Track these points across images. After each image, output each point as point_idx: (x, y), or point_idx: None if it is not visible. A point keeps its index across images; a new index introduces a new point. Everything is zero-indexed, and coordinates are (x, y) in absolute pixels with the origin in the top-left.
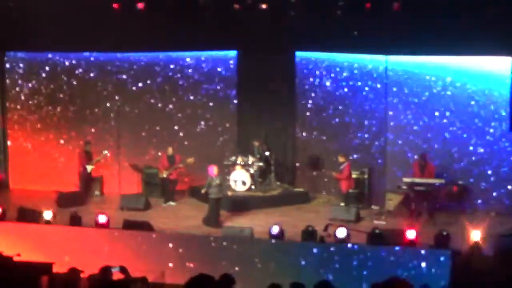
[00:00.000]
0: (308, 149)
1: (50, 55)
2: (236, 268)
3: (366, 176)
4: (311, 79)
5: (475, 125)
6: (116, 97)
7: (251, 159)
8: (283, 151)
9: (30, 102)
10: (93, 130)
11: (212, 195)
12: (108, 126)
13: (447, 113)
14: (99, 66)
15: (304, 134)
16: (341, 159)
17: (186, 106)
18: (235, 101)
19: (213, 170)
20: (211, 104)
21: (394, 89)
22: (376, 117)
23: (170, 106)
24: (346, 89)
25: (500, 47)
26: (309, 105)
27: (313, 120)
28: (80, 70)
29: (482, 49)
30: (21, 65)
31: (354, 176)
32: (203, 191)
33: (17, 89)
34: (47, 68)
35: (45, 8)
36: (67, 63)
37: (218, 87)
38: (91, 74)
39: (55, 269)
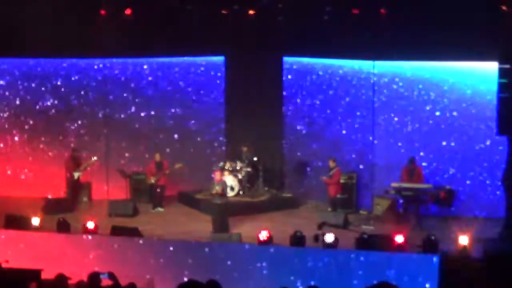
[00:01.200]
0: (296, 154)
1: (34, 61)
2: (225, 274)
3: (354, 181)
4: (299, 84)
5: (463, 128)
6: (103, 104)
7: (239, 165)
8: (271, 157)
9: (15, 108)
10: (81, 135)
11: (218, 200)
12: (96, 132)
13: (435, 117)
14: (85, 72)
15: (292, 139)
16: (331, 164)
17: (174, 112)
18: (223, 107)
19: (219, 175)
20: (198, 109)
21: (382, 93)
22: (364, 121)
23: (158, 112)
24: (333, 94)
25: (487, 52)
26: (296, 110)
27: (301, 125)
28: (68, 76)
29: (469, 54)
30: (8, 69)
31: (342, 181)
32: (214, 191)
33: (3, 94)
34: (33, 73)
35: (30, 14)
36: (52, 69)
37: (206, 93)
38: (78, 80)
39: (43, 276)
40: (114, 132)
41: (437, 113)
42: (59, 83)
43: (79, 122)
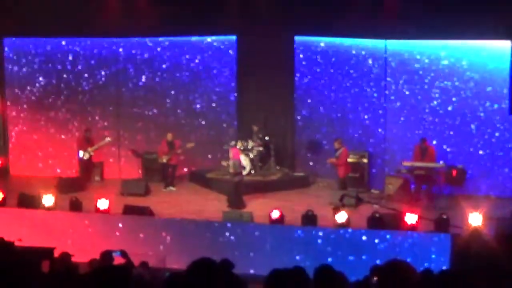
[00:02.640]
0: (308, 133)
1: (47, 41)
2: (236, 253)
3: (365, 160)
4: (310, 64)
5: (476, 107)
6: (115, 83)
7: (250, 144)
8: (283, 136)
9: (29, 88)
10: (96, 117)
11: (236, 178)
12: (108, 113)
13: (448, 96)
14: (98, 52)
15: (303, 118)
16: (337, 145)
17: (186, 92)
18: (235, 86)
19: (237, 152)
20: (210, 89)
21: (394, 73)
22: (376, 100)
23: (170, 91)
24: (345, 73)
25: (499, 30)
26: (308, 90)
27: (313, 104)
28: (79, 56)
29: (483, 32)
30: (20, 50)
31: (353, 160)
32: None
33: (16, 74)
34: (45, 54)
35: None
36: (65, 49)
37: (218, 72)
38: (91, 62)
39: (56, 254)
40: (126, 111)
41: (452, 90)
42: (70, 62)
43: (93, 101)
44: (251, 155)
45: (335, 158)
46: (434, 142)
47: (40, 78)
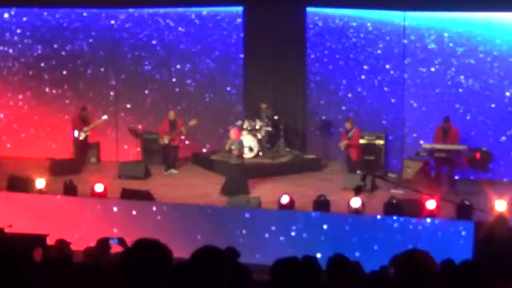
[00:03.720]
0: (320, 112)
1: (38, 13)
2: (242, 240)
3: (382, 142)
4: (323, 37)
5: (501, 87)
6: (113, 57)
7: (258, 124)
8: (293, 115)
9: (18, 65)
10: (90, 94)
11: (234, 161)
12: (105, 89)
13: (471, 74)
14: (93, 25)
15: (315, 96)
16: (348, 125)
17: (188, 67)
18: (241, 61)
19: (235, 133)
20: (215, 64)
21: (413, 48)
22: (393, 78)
23: (171, 66)
24: (360, 48)
25: None
26: (320, 66)
27: (325, 81)
28: (73, 30)
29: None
30: (9, 25)
31: (368, 141)
32: (227, 147)
33: (4, 50)
34: (35, 28)
35: None
36: (57, 23)
37: (223, 46)
38: (85, 36)
39: (49, 241)
40: (125, 88)
41: (475, 69)
42: (65, 35)
43: (88, 78)
44: (259, 136)
45: (347, 139)
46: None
47: (29, 54)
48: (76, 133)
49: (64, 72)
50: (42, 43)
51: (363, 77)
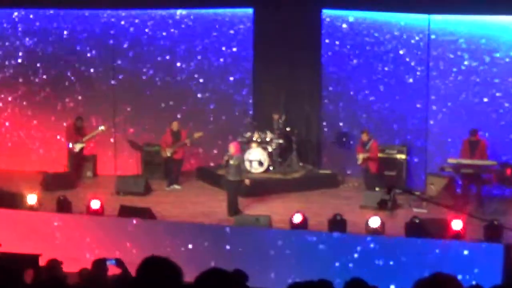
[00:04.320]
0: (336, 124)
1: (24, 13)
2: (251, 262)
3: (403, 156)
4: (340, 42)
5: None
6: (111, 61)
7: (269, 135)
8: (307, 126)
9: (6, 70)
10: (87, 103)
11: (231, 176)
12: (102, 97)
13: (501, 82)
14: (89, 26)
15: (331, 106)
16: (365, 137)
17: (194, 73)
18: (250, 68)
19: (235, 147)
20: (222, 71)
21: (438, 53)
22: (416, 86)
23: (175, 73)
24: (380, 54)
25: None
26: (337, 73)
27: (342, 90)
28: (66, 32)
29: None
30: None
31: (389, 156)
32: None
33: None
34: (33, 28)
35: None
36: (49, 23)
37: (231, 51)
38: (80, 37)
39: (41, 262)
40: (123, 96)
41: (504, 76)
42: (59, 37)
43: (84, 84)
44: (270, 149)
45: (366, 152)
46: (486, 135)
47: (17, 56)
48: (70, 144)
49: (59, 78)
50: (34, 47)
51: (382, 85)
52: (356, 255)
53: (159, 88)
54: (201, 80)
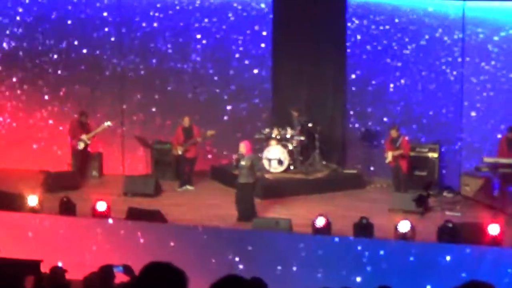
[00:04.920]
0: (362, 119)
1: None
2: (270, 270)
3: (435, 155)
4: (366, 30)
5: None
6: (118, 52)
7: (289, 132)
8: (331, 122)
9: (7, 61)
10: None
11: (242, 179)
12: (109, 92)
13: None
14: (93, 13)
15: (356, 100)
16: (394, 134)
17: (207, 64)
18: (270, 60)
19: (246, 147)
20: (237, 63)
21: (474, 44)
22: (449, 79)
23: (187, 64)
24: (411, 44)
25: None
26: (363, 65)
27: (369, 83)
28: (73, 23)
29: None
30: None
31: (420, 154)
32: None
33: None
34: (22, 21)
35: None
36: (49, 12)
37: (248, 39)
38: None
39: (42, 269)
40: (131, 89)
41: None
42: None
43: (88, 76)
44: (290, 146)
45: (395, 149)
46: None
47: (18, 49)
48: (74, 142)
49: (61, 72)
50: (36, 39)
51: (412, 78)
52: (383, 262)
53: (171, 83)
54: (215, 75)
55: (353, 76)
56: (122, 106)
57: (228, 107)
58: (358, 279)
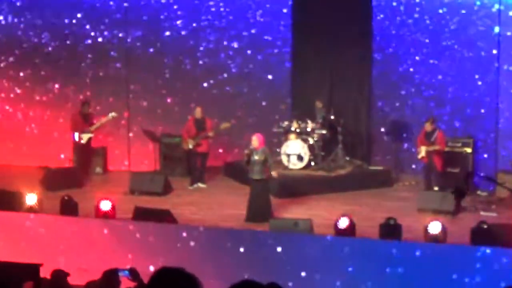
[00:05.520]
0: (390, 111)
1: None
2: (288, 274)
3: (469, 150)
4: (394, 15)
5: None
6: (124, 39)
7: (310, 125)
8: (355, 114)
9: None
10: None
11: (255, 175)
12: (115, 80)
13: None
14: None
15: (383, 91)
16: (429, 127)
17: (221, 52)
18: (289, 47)
19: (255, 140)
20: (254, 50)
21: (508, 32)
22: (486, 70)
23: (199, 50)
24: (442, 32)
25: None
26: (391, 52)
27: (397, 73)
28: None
29: None
30: None
31: (453, 150)
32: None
33: None
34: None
35: None
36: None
37: (265, 25)
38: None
39: (42, 273)
40: (137, 77)
41: None
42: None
43: (90, 63)
44: (311, 141)
45: (431, 144)
46: None
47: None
48: (76, 135)
49: (62, 60)
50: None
51: (446, 67)
52: (412, 266)
53: (181, 72)
54: (230, 64)
55: (380, 65)
56: (128, 96)
57: (243, 99)
58: (385, 284)
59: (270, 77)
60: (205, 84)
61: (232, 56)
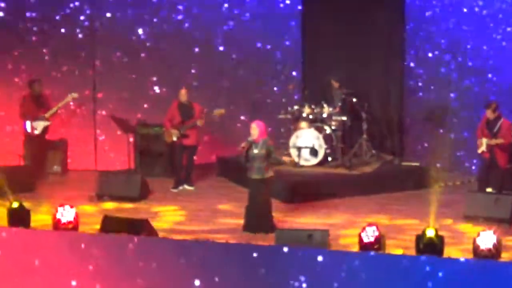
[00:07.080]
0: (427, 95)
1: None
2: None
3: None
4: None
5: None
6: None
7: (326, 110)
8: (383, 97)
9: None
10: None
11: (254, 174)
12: (80, 58)
13: None
14: None
15: (418, 70)
16: (490, 114)
17: (217, 23)
18: (298, 16)
19: (255, 128)
20: (260, 20)
21: None
22: None
23: (187, 21)
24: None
25: None
26: (426, 26)
27: (436, 46)
28: None
29: None
30: None
31: None
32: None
33: None
34: None
35: None
36: None
37: None
38: None
39: None
40: (106, 53)
41: None
42: None
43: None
44: (328, 130)
45: (492, 135)
46: None
47: None
48: (28, 124)
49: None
50: None
51: (492, 44)
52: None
53: (167, 42)
54: (224, 35)
55: (415, 36)
56: (94, 76)
57: (242, 79)
58: None
59: (277, 55)
60: (195, 59)
61: (231, 33)
